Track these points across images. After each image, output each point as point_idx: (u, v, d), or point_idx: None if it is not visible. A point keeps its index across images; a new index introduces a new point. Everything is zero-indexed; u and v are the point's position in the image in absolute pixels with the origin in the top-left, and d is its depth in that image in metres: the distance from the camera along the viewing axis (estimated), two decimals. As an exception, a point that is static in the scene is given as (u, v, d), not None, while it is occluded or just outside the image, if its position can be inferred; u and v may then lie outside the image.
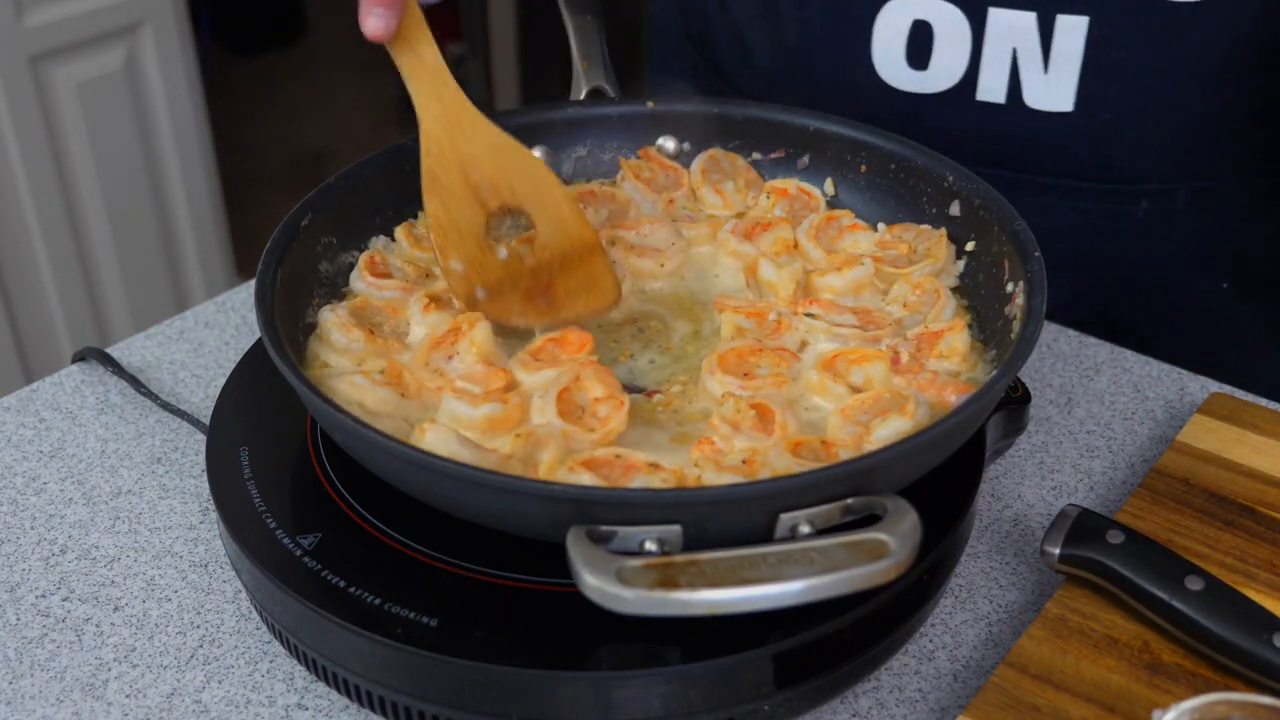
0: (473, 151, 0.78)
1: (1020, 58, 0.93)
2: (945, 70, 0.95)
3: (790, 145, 0.90)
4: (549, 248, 0.79)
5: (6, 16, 1.91)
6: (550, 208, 0.79)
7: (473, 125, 0.78)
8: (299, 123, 3.54)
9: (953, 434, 0.64)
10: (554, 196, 0.80)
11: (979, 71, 0.94)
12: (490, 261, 0.77)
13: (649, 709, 0.60)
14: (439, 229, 0.76)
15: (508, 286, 0.77)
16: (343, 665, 0.63)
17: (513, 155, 0.80)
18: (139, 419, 0.88)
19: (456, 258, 0.76)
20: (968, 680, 0.69)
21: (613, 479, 0.65)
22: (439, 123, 0.77)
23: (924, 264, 0.80)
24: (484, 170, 0.78)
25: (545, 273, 0.78)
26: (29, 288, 2.09)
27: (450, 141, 0.78)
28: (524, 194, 0.79)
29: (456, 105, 0.78)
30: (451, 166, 0.78)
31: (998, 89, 0.94)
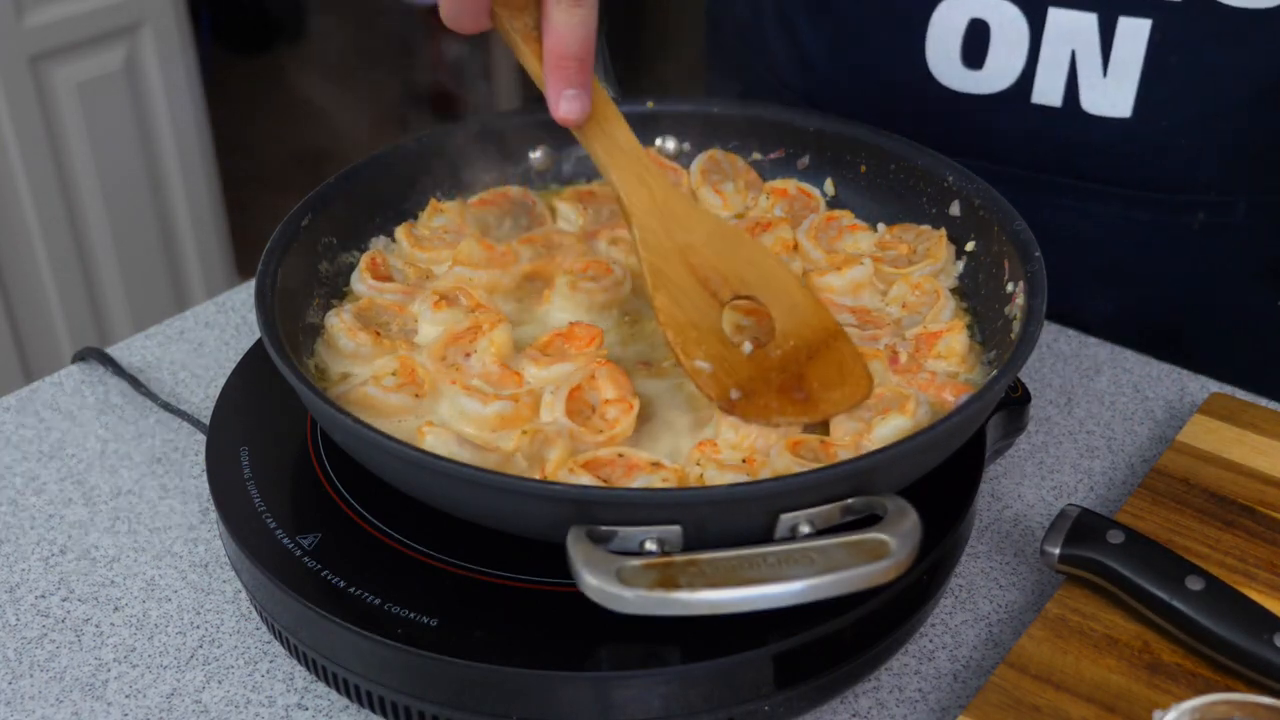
0: (692, 240, 0.71)
1: (1079, 60, 0.91)
2: (1001, 71, 0.93)
3: (790, 145, 0.90)
4: (791, 336, 0.72)
5: (6, 16, 1.91)
6: (783, 294, 0.73)
7: (686, 211, 0.72)
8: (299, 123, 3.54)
9: (953, 434, 0.64)
10: (785, 282, 0.73)
11: (1035, 73, 0.93)
12: (736, 358, 0.70)
13: (649, 709, 0.60)
14: (675, 327, 0.69)
15: (760, 384, 0.69)
16: (343, 665, 0.63)
17: (734, 241, 0.73)
18: (139, 419, 0.88)
19: (701, 356, 0.69)
20: (968, 680, 0.69)
21: (614, 479, 0.65)
22: (651, 213, 0.71)
23: (924, 264, 0.80)
24: (707, 259, 0.71)
25: (794, 365, 0.71)
26: (29, 288, 2.09)
27: (667, 232, 0.71)
28: (753, 281, 0.72)
29: (665, 191, 0.72)
30: (674, 258, 0.71)
31: (1054, 92, 0.93)
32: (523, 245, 0.83)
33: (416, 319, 0.77)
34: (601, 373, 0.70)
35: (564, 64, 0.66)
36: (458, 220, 0.84)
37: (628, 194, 0.71)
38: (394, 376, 0.71)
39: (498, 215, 0.86)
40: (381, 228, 0.84)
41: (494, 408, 0.68)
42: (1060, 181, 0.96)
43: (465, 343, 0.73)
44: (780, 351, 0.71)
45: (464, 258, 0.80)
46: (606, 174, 0.71)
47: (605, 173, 0.72)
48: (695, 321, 0.70)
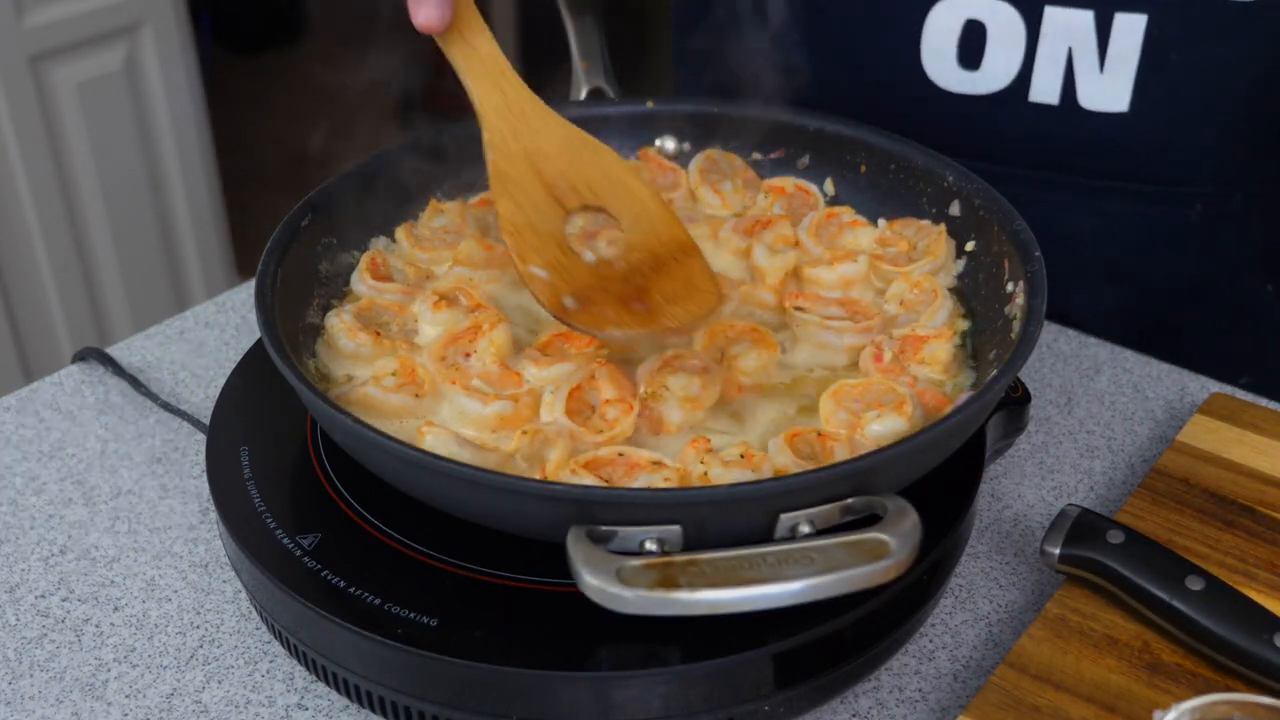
0: (542, 147, 0.71)
1: (1075, 57, 0.91)
2: (998, 71, 0.94)
3: (790, 145, 0.90)
4: (638, 248, 0.71)
5: (6, 16, 1.91)
6: (634, 204, 0.72)
7: (539, 118, 0.71)
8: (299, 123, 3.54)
9: (953, 434, 0.64)
10: (637, 192, 0.72)
11: (1032, 72, 0.93)
12: (576, 266, 0.69)
13: (649, 709, 0.60)
14: (514, 230, 0.69)
15: (598, 293, 0.69)
16: (343, 665, 0.63)
17: (586, 149, 0.72)
18: (139, 419, 0.88)
19: (538, 263, 0.69)
20: (968, 680, 0.69)
21: (616, 479, 0.65)
22: (501, 115, 0.71)
23: (923, 261, 0.80)
24: (557, 166, 0.71)
25: (638, 276, 0.70)
26: (29, 288, 2.09)
27: (515, 135, 0.71)
28: (603, 191, 0.71)
29: (520, 97, 0.71)
30: (520, 161, 0.70)
31: (1051, 90, 0.93)
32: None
33: (416, 319, 0.77)
34: (601, 373, 0.70)
35: None
36: (458, 220, 0.84)
37: (480, 97, 0.71)
38: (394, 377, 0.71)
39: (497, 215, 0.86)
40: (381, 228, 0.84)
41: (494, 408, 0.68)
42: (1058, 178, 0.96)
43: (465, 343, 0.73)
44: (625, 263, 0.70)
45: (464, 258, 0.80)
46: (463, 79, 0.71)
47: (462, 78, 0.71)
48: (535, 226, 0.69)
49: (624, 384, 0.70)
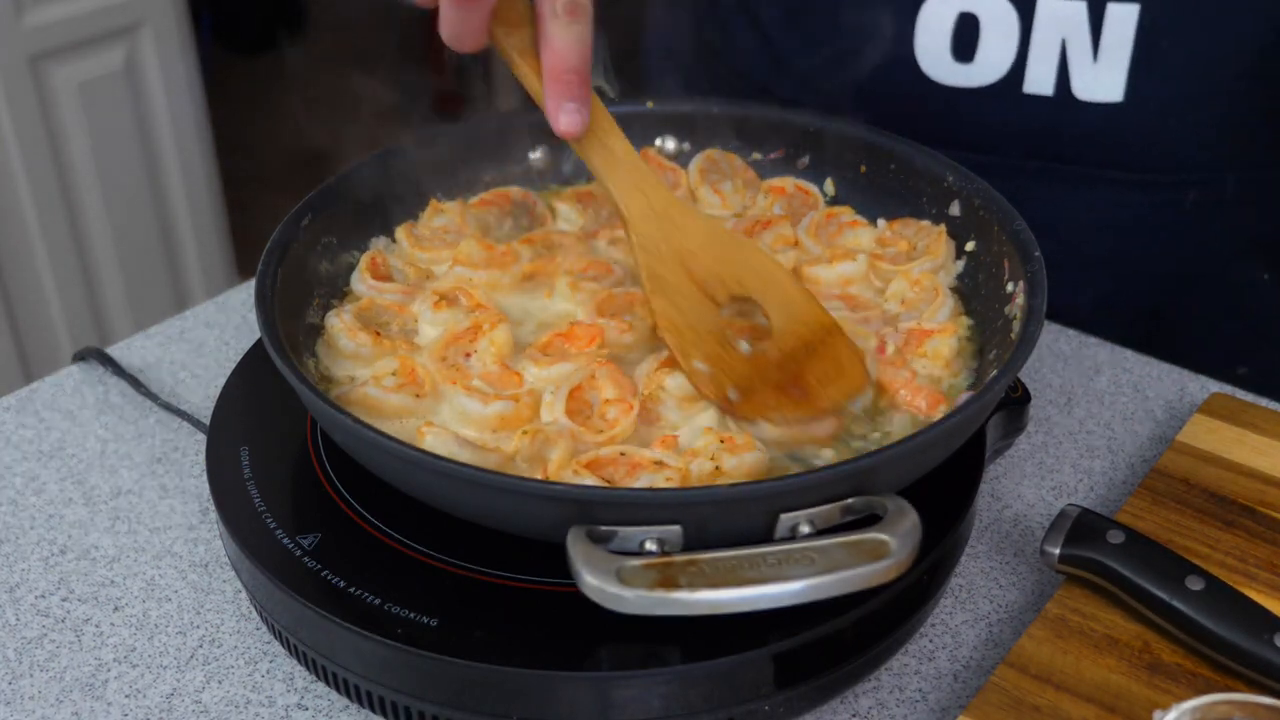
0: (689, 245, 0.72)
1: (1069, 48, 0.91)
2: (992, 63, 0.94)
3: (790, 145, 0.90)
4: (788, 335, 0.72)
5: (6, 16, 1.91)
6: (779, 293, 0.73)
7: (683, 216, 0.73)
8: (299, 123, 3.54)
9: (953, 434, 0.64)
10: (781, 281, 0.74)
11: (1026, 63, 0.93)
12: (734, 358, 0.71)
13: (649, 709, 0.60)
14: (673, 330, 0.71)
15: (758, 382, 0.71)
16: (343, 665, 0.63)
17: (730, 243, 0.74)
18: (139, 419, 0.88)
19: (699, 357, 0.70)
20: (968, 680, 0.69)
21: (617, 478, 0.65)
22: (647, 218, 0.72)
23: (923, 260, 0.80)
24: (704, 263, 0.72)
25: (792, 362, 0.72)
26: (29, 288, 2.09)
27: (665, 237, 0.72)
28: (749, 282, 0.73)
29: (662, 198, 0.72)
30: (671, 262, 0.72)
31: (1045, 81, 0.93)
32: (523, 245, 0.83)
33: (416, 319, 0.77)
34: (602, 373, 0.70)
35: (563, 78, 0.67)
36: (458, 220, 0.84)
37: (625, 202, 0.72)
38: (394, 377, 0.71)
39: (498, 215, 0.86)
40: (381, 228, 0.84)
41: (494, 408, 0.68)
42: (1052, 168, 0.96)
43: (465, 343, 0.73)
44: (777, 350, 0.72)
45: (464, 258, 0.80)
46: (604, 183, 0.72)
47: (602, 182, 0.72)
48: (693, 324, 0.71)
49: (624, 384, 0.70)
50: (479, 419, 0.68)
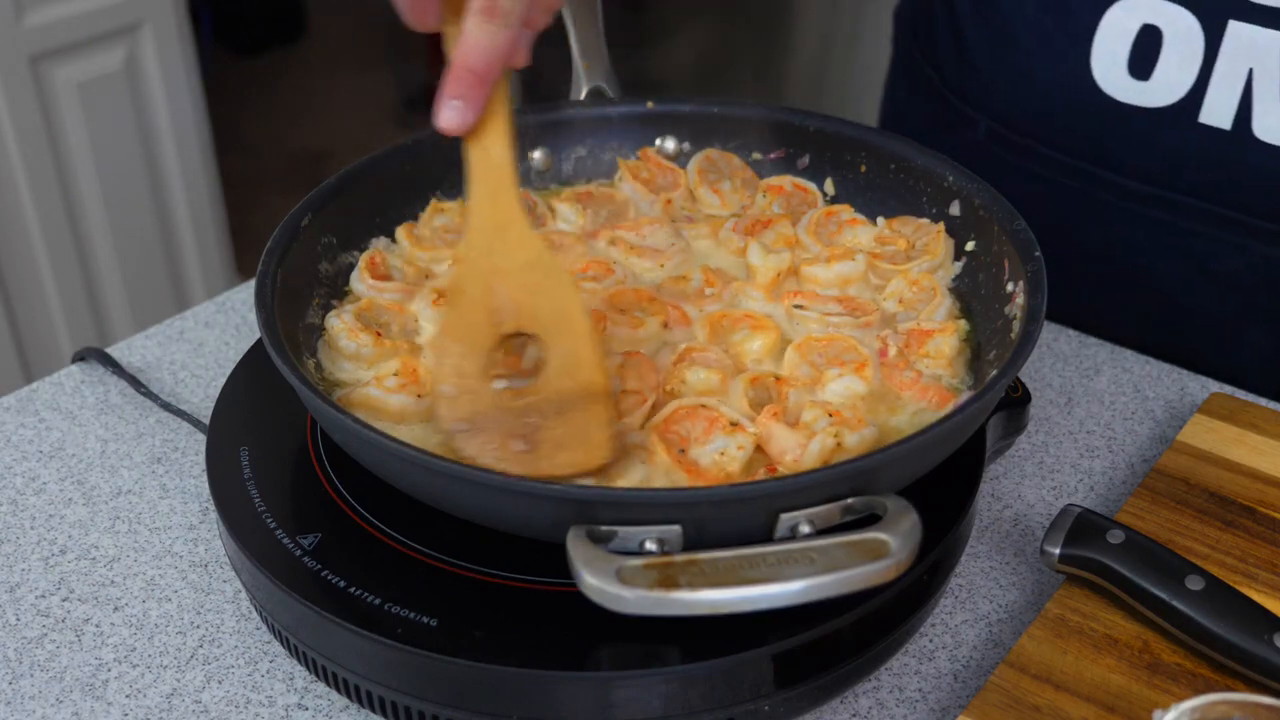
0: (506, 266, 0.70)
1: (1256, 79, 0.84)
2: (1169, 83, 0.88)
3: (790, 145, 0.90)
4: (552, 385, 0.69)
5: (6, 16, 1.91)
6: (567, 342, 0.70)
7: (518, 239, 0.71)
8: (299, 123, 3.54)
9: (953, 434, 0.64)
10: (576, 331, 0.71)
11: (1206, 90, 0.86)
12: (482, 391, 0.69)
13: (649, 709, 0.60)
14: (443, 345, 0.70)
15: (490, 423, 0.68)
16: (343, 665, 0.63)
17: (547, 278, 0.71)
18: (139, 419, 0.88)
19: (450, 378, 0.69)
20: (968, 680, 0.69)
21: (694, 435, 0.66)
22: (482, 230, 0.71)
23: (921, 260, 0.80)
24: (509, 289, 0.70)
25: (535, 414, 0.69)
26: (29, 288, 2.09)
27: (488, 251, 0.71)
28: (545, 322, 0.71)
29: (508, 212, 0.71)
30: (478, 280, 0.70)
31: (1225, 112, 0.86)
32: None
33: (417, 318, 0.77)
34: (631, 363, 0.70)
35: (460, 75, 0.66)
36: (458, 219, 0.84)
37: (473, 206, 0.71)
38: (396, 378, 0.71)
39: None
40: (381, 228, 0.84)
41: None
42: (1219, 212, 0.90)
43: None
44: (532, 396, 0.69)
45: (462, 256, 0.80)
46: (468, 182, 0.71)
47: (467, 180, 0.71)
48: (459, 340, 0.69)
49: (648, 377, 0.70)
50: None
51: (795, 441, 0.66)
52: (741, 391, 0.69)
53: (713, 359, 0.73)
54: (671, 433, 0.66)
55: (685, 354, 0.73)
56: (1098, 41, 0.90)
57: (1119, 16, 0.88)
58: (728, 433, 0.66)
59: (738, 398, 0.69)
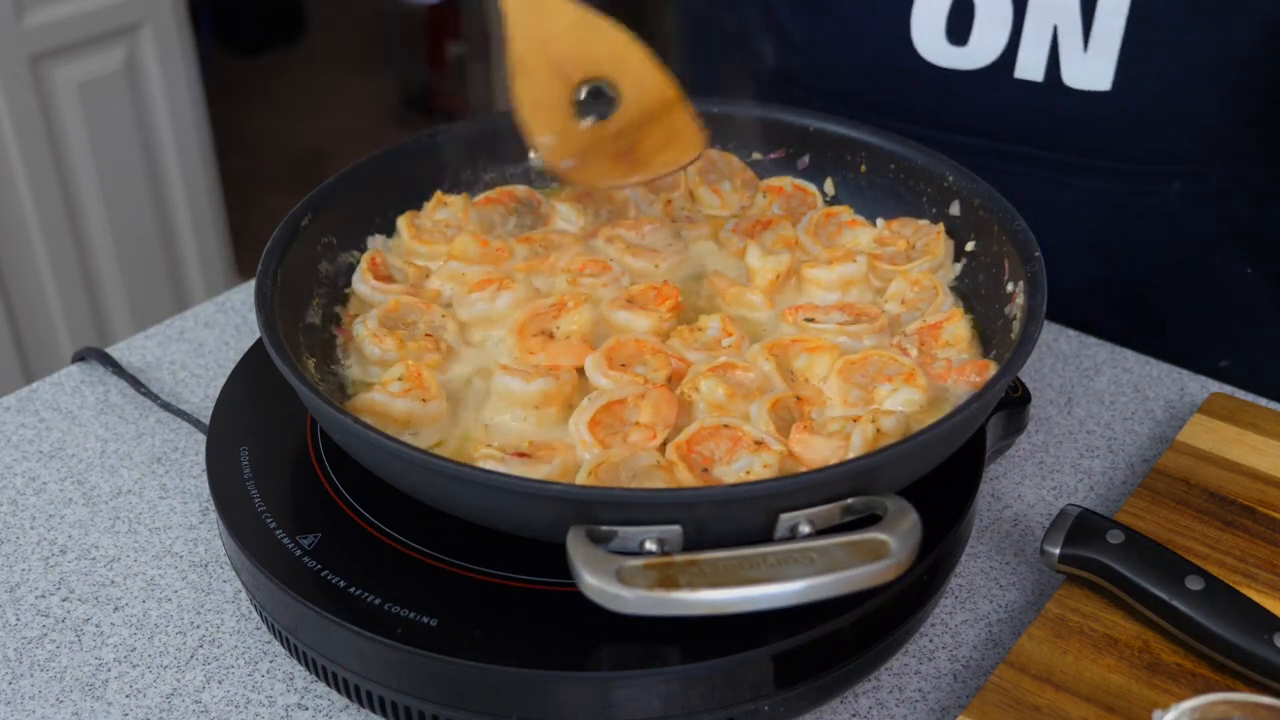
0: (555, 30, 0.81)
1: (1060, 35, 0.92)
2: (985, 47, 0.95)
3: (790, 145, 0.90)
4: (632, 107, 0.82)
5: (6, 16, 1.91)
6: (631, 71, 0.82)
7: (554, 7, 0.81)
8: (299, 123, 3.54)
9: (952, 434, 0.64)
10: (635, 60, 0.82)
11: (1018, 48, 0.94)
12: (576, 131, 0.81)
13: (649, 709, 0.60)
14: (530, 107, 0.81)
15: (593, 153, 0.81)
16: (343, 665, 0.63)
17: (593, 30, 0.82)
18: (139, 419, 0.88)
19: (545, 133, 0.81)
20: (968, 680, 0.69)
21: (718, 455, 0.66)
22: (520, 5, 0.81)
23: (922, 260, 0.80)
24: (565, 47, 0.81)
25: (630, 133, 0.81)
26: (29, 288, 2.09)
27: (533, 21, 0.81)
28: (606, 63, 0.82)
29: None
30: (535, 45, 0.81)
31: (1036, 67, 0.94)
32: (519, 244, 0.83)
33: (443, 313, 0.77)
34: (652, 395, 0.69)
35: None
36: (460, 215, 0.84)
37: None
38: (400, 382, 0.71)
39: (502, 213, 0.87)
40: (381, 227, 0.84)
41: (537, 385, 0.69)
42: (1040, 155, 0.98)
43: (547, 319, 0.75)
44: (620, 122, 0.82)
45: (458, 252, 0.80)
46: None
47: None
48: (545, 102, 0.81)
49: (663, 414, 0.69)
50: (522, 397, 0.69)
51: (834, 446, 0.66)
52: (765, 414, 0.69)
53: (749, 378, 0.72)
54: (695, 452, 0.66)
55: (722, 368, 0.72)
56: (915, 14, 0.96)
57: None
58: (753, 451, 0.66)
59: (762, 420, 0.68)
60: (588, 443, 0.67)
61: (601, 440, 0.67)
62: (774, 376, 0.72)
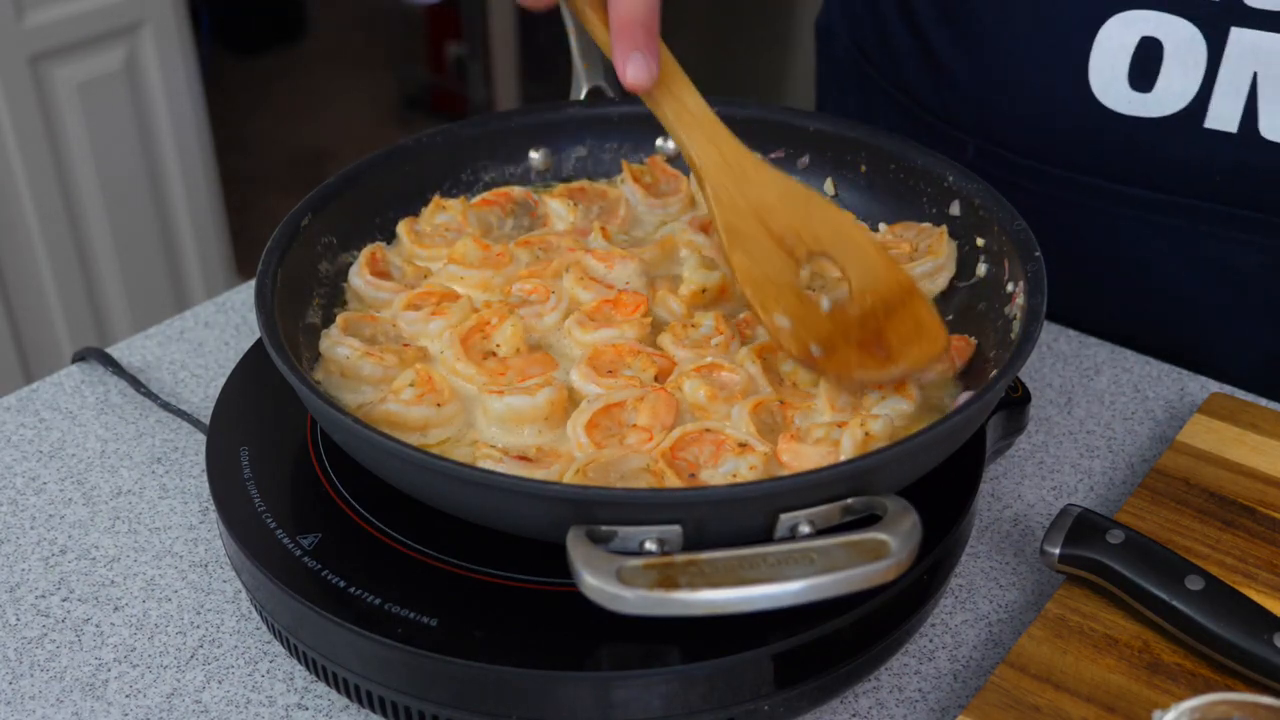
0: (766, 199, 0.72)
1: (1260, 83, 0.84)
2: (1172, 94, 0.87)
3: (790, 145, 0.90)
4: (868, 294, 0.72)
5: (6, 16, 1.91)
6: (856, 251, 0.73)
7: (757, 171, 0.72)
8: (299, 123, 3.54)
9: (953, 434, 0.64)
10: (858, 240, 0.73)
11: (1211, 96, 0.86)
12: (815, 315, 0.71)
13: (649, 709, 0.60)
14: (753, 284, 0.70)
15: (839, 340, 0.70)
16: (343, 665, 0.63)
17: (807, 200, 0.73)
18: (139, 419, 0.88)
19: (780, 312, 0.70)
20: (968, 680, 0.69)
21: (702, 459, 0.66)
22: (722, 170, 0.71)
23: (924, 261, 0.80)
24: (782, 219, 0.72)
25: (873, 320, 0.72)
26: (29, 288, 2.09)
27: (741, 191, 0.71)
28: (827, 240, 0.73)
29: (736, 152, 0.72)
30: (748, 216, 0.71)
31: (1230, 117, 0.86)
32: (520, 249, 0.82)
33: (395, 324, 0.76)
34: (651, 398, 0.69)
35: (629, 29, 0.66)
36: (460, 219, 0.84)
37: (699, 154, 0.71)
38: (412, 388, 0.70)
39: (500, 215, 0.86)
40: (381, 228, 0.84)
41: (544, 395, 0.69)
42: (1232, 212, 0.90)
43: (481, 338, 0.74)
44: (858, 309, 0.72)
45: (459, 256, 0.80)
46: (676, 136, 0.72)
47: (674, 135, 0.72)
48: (772, 278, 0.70)
49: (661, 417, 0.69)
50: (531, 413, 0.68)
51: (822, 453, 0.66)
52: (746, 416, 0.69)
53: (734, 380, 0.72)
54: (679, 458, 0.66)
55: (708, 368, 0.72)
56: (1095, 56, 0.89)
57: (1116, 30, 0.87)
58: (737, 454, 0.66)
59: (743, 423, 0.68)
60: (584, 445, 0.67)
61: (598, 443, 0.67)
62: (760, 379, 0.72)
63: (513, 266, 0.81)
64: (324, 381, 0.73)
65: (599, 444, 0.67)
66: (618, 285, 0.79)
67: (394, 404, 0.69)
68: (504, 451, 0.66)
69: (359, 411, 0.70)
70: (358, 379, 0.72)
